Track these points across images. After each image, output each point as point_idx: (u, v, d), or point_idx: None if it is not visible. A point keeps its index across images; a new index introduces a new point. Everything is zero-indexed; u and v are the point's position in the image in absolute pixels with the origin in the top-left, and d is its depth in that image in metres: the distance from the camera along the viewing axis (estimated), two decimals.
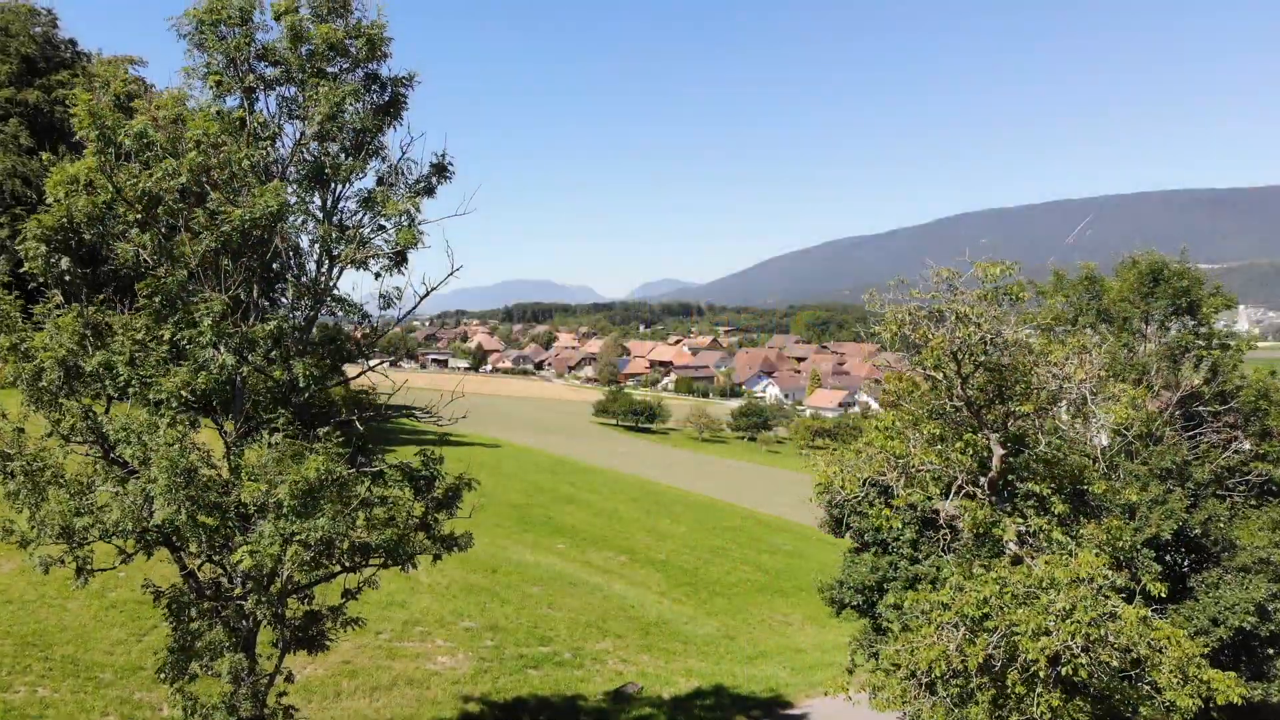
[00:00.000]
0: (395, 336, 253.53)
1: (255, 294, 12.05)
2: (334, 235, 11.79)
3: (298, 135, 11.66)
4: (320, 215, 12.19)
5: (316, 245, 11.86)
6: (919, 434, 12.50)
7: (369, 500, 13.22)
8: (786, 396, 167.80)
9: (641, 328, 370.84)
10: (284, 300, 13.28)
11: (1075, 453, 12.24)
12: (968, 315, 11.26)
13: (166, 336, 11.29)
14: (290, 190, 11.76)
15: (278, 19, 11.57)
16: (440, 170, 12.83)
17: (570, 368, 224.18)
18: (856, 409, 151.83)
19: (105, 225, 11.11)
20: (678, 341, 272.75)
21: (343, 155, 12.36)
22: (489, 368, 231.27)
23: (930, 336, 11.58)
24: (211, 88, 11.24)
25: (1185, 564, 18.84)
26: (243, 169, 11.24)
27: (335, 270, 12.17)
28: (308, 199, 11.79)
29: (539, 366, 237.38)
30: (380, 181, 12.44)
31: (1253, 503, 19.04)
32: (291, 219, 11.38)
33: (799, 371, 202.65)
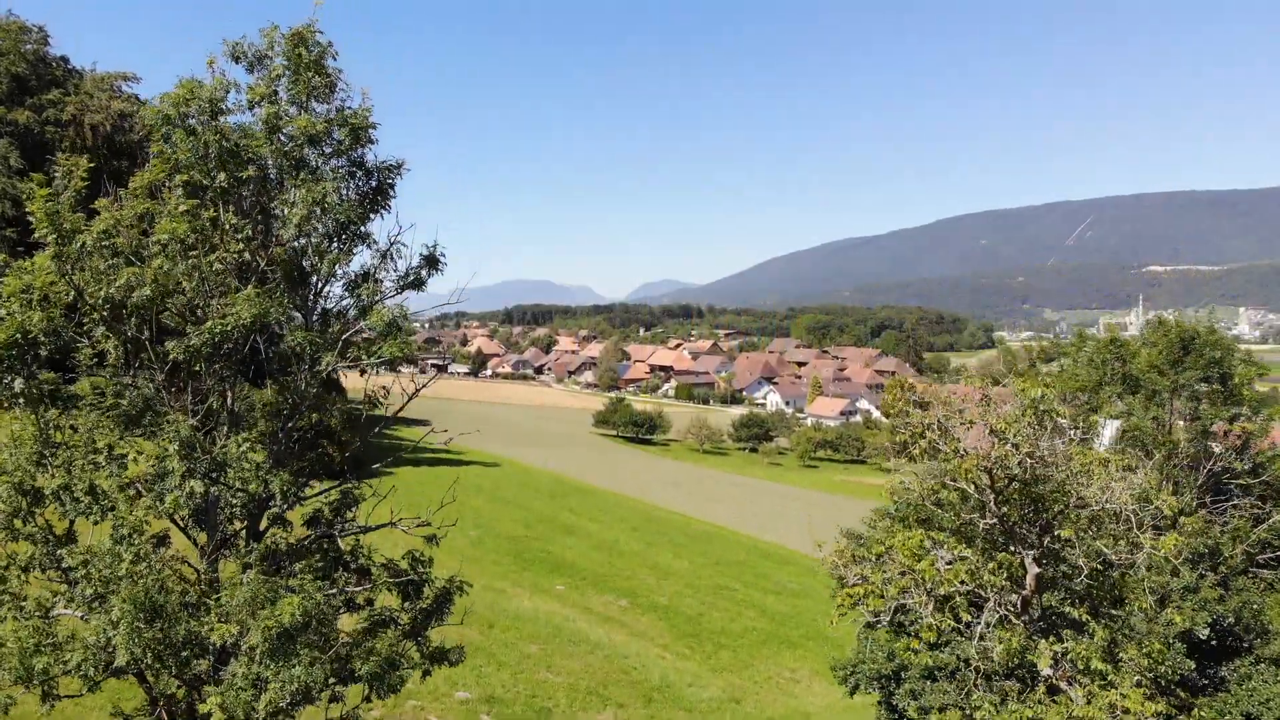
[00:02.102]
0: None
1: (231, 400, 11.17)
2: (316, 338, 10.88)
3: (275, 236, 10.72)
4: (301, 313, 11.31)
5: (297, 346, 10.93)
6: (949, 552, 11.57)
7: (353, 602, 12.50)
8: (788, 404, 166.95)
9: (641, 330, 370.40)
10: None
11: (1116, 571, 11.32)
12: (1004, 432, 10.34)
13: (130, 457, 10.42)
14: (268, 287, 10.88)
15: (252, 107, 10.66)
16: (431, 262, 11.92)
17: (570, 372, 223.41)
18: (858, 418, 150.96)
19: (63, 337, 10.23)
20: (678, 345, 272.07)
21: (326, 241, 11.47)
22: (489, 372, 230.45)
23: (963, 450, 10.66)
24: (180, 188, 10.31)
25: (1213, 642, 17.93)
26: (214, 271, 10.39)
27: (316, 373, 11.27)
28: (287, 300, 10.85)
29: (539, 371, 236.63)
30: (366, 276, 11.52)
31: None
32: (270, 322, 10.46)
33: (800, 377, 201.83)
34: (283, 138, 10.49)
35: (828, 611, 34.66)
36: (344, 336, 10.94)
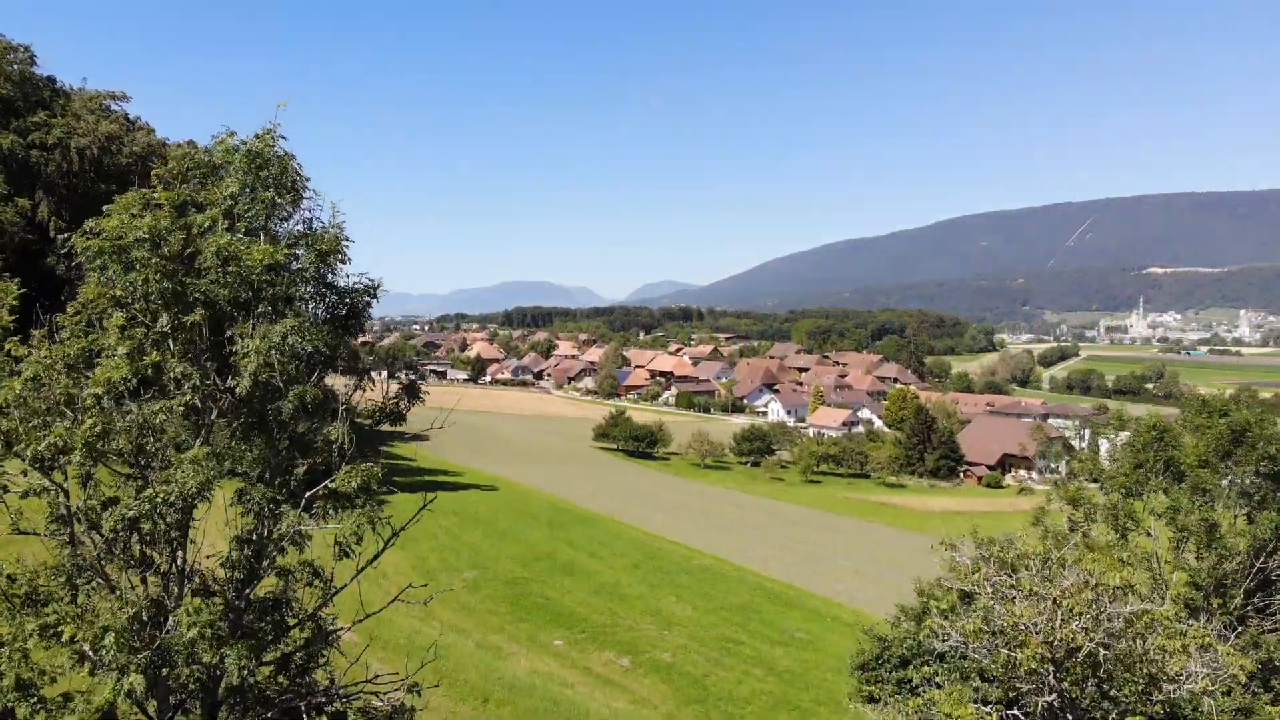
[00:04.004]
0: (393, 345, 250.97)
1: (180, 562, 9.79)
2: (276, 494, 9.51)
3: (230, 387, 9.33)
4: (260, 456, 9.93)
5: (255, 505, 9.54)
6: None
7: None
8: (789, 413, 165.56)
9: (641, 334, 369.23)
10: None
11: None
12: (1071, 610, 8.96)
13: (66, 635, 9.06)
14: (224, 435, 9.53)
15: (201, 234, 9.28)
16: (412, 391, 10.62)
17: (570, 378, 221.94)
18: (860, 428, 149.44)
19: None
20: (678, 350, 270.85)
21: (294, 365, 10.10)
22: (488, 379, 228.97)
23: (1023, 624, 9.27)
24: (116, 333, 8.95)
25: None
26: (157, 424, 9.03)
27: (277, 528, 9.88)
28: (243, 448, 9.49)
29: (538, 377, 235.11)
30: (335, 413, 10.14)
31: None
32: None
33: (801, 384, 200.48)
34: (234, 273, 9.06)
35: (837, 668, 33.02)
36: (310, 494, 9.60)
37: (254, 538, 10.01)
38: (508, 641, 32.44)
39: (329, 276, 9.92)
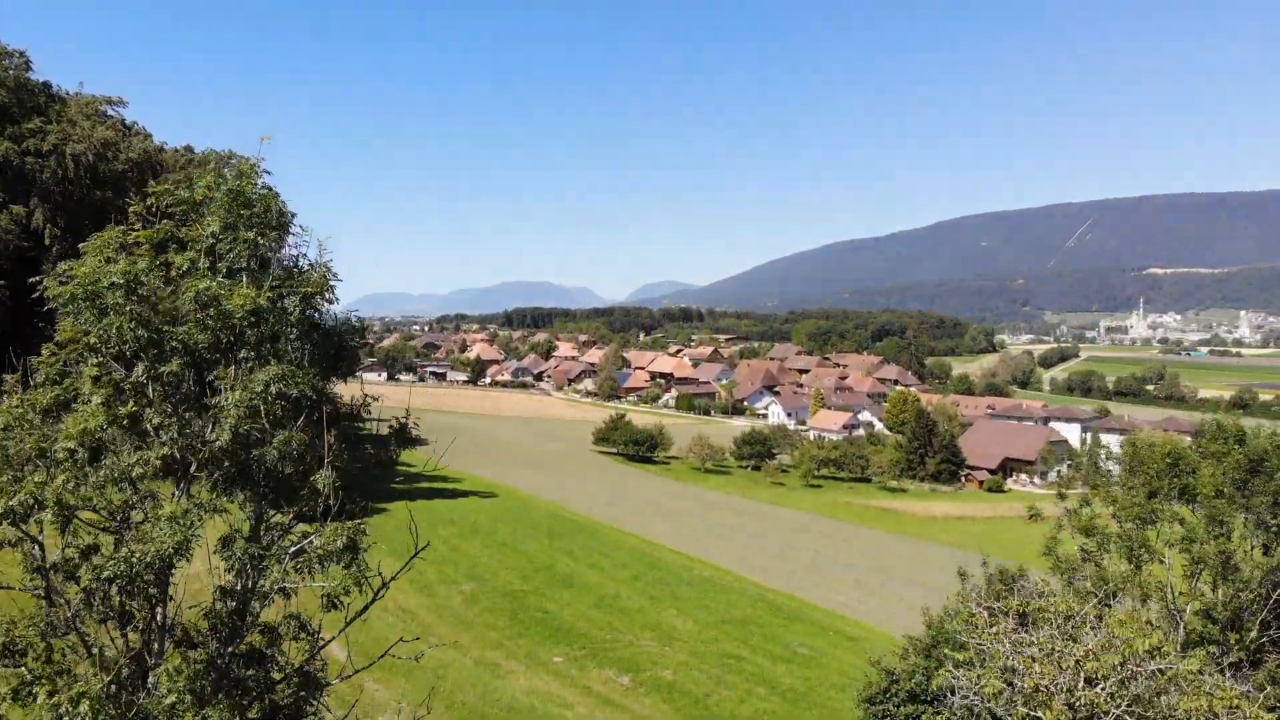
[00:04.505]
0: (393, 347, 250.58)
1: (160, 618, 9.36)
2: (259, 549, 9.07)
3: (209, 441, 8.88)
4: (242, 506, 9.49)
5: (236, 563, 9.09)
6: None
7: None
8: (789, 415, 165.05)
9: (641, 335, 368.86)
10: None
11: None
12: (1094, 672, 8.51)
13: (40, 696, 8.63)
14: (200, 486, 9.09)
15: (181, 277, 8.85)
16: (401, 435, 10.21)
17: (570, 380, 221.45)
18: (860, 431, 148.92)
19: None
20: (678, 351, 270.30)
21: (280, 407, 9.66)
22: (488, 380, 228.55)
23: (1045, 685, 8.83)
24: (89, 381, 8.51)
25: None
26: (133, 477, 8.59)
27: (261, 584, 9.44)
28: (224, 502, 9.06)
29: (538, 378, 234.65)
30: (320, 459, 9.70)
31: None
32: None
33: (801, 385, 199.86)
34: (215, 317, 8.62)
35: (840, 685, 32.55)
36: (294, 549, 9.16)
37: (238, 589, 9.61)
38: (506, 658, 31.99)
39: (315, 317, 9.52)
